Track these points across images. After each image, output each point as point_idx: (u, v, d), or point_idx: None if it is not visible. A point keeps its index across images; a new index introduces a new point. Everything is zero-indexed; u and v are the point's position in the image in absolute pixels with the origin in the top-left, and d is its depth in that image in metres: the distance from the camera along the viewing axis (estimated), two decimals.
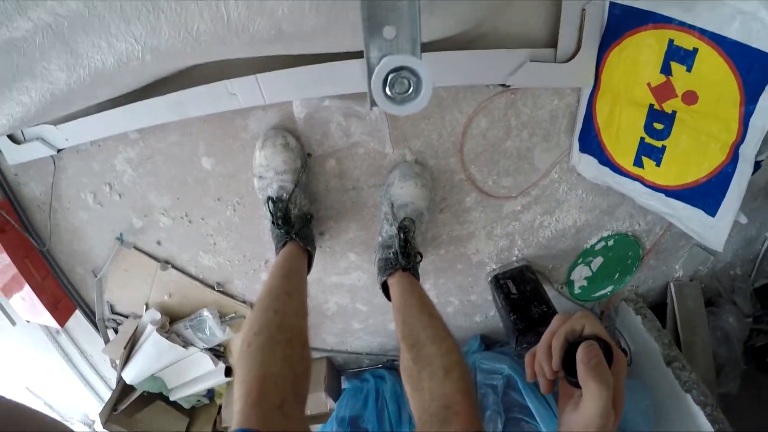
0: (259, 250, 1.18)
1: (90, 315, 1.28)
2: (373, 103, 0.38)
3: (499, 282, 1.18)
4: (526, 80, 0.84)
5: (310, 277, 1.22)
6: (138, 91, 0.86)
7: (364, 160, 1.02)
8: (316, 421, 1.36)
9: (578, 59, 0.82)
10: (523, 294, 1.12)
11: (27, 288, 1.12)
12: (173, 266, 1.20)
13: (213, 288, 1.25)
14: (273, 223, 0.95)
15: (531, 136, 0.99)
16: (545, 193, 1.09)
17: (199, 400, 1.47)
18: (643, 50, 0.78)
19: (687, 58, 0.73)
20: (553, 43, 0.83)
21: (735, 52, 0.68)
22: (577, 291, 1.30)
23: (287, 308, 0.80)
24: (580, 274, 1.26)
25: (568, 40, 0.82)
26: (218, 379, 1.31)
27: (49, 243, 1.15)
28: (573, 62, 0.83)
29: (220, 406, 1.46)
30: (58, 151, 0.96)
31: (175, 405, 1.42)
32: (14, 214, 1.09)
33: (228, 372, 1.30)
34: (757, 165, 0.75)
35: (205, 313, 1.23)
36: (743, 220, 0.82)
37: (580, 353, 0.46)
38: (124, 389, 1.28)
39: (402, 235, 0.96)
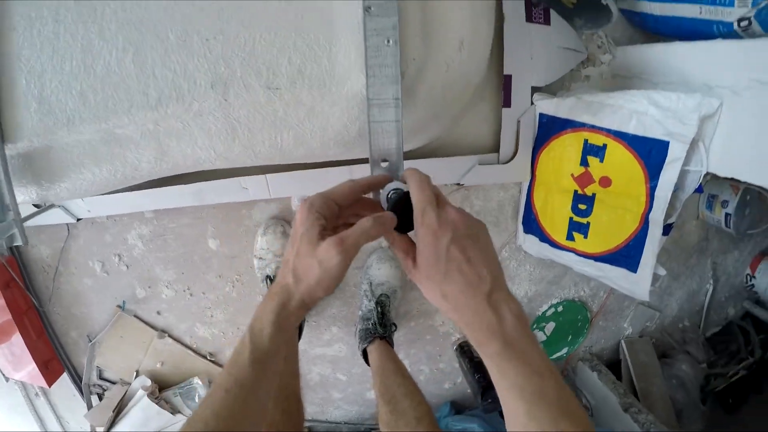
0: None
1: (76, 379, 1.29)
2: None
3: (463, 349, 1.33)
4: (476, 179, 1.00)
5: None
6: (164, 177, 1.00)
7: None
8: None
9: (517, 160, 0.99)
10: None
11: (17, 342, 1.12)
12: (170, 335, 1.27)
13: (205, 357, 1.30)
14: None
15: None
16: None
17: None
18: (566, 149, 0.95)
19: (599, 152, 0.91)
20: (496, 149, 0.99)
21: (635, 143, 0.85)
22: None
23: (283, 370, 0.91)
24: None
25: (508, 146, 0.98)
26: None
27: (48, 304, 1.20)
28: (513, 163, 0.99)
29: None
30: (78, 220, 1.01)
31: None
32: (19, 272, 1.14)
33: None
34: (668, 227, 0.90)
35: (196, 381, 1.27)
36: (662, 272, 0.95)
37: (404, 174, 0.52)
38: None
39: (379, 308, 1.12)
